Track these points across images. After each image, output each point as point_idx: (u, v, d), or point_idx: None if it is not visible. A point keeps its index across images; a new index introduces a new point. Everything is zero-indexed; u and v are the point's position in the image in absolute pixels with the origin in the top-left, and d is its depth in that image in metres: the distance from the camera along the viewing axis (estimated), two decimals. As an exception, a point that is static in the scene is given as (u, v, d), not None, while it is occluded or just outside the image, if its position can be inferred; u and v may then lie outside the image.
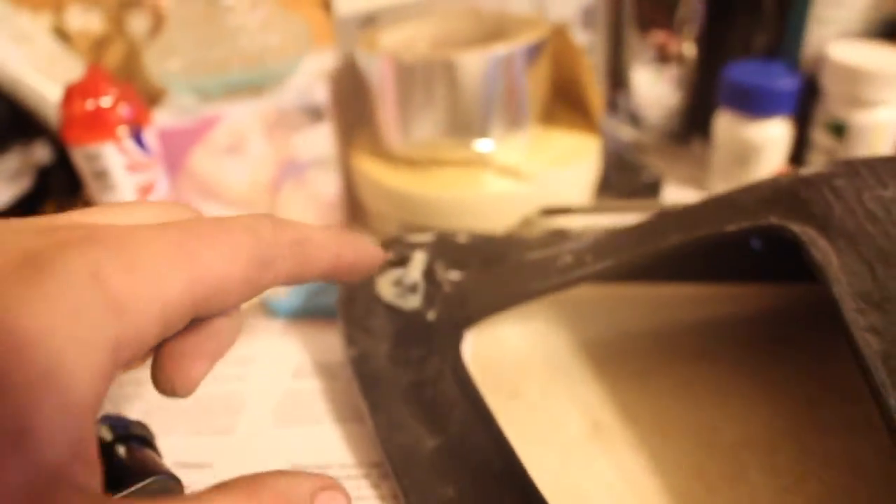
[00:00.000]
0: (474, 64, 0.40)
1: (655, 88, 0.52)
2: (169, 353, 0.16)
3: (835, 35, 0.43)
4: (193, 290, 0.15)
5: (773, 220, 0.28)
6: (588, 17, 0.53)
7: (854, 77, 0.41)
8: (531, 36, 0.41)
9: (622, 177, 0.47)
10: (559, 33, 0.43)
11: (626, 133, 0.54)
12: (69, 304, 0.13)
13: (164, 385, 0.16)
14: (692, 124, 0.52)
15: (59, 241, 0.14)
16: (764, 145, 0.44)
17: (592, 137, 0.45)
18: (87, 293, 0.13)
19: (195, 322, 0.17)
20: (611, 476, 0.29)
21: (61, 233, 0.14)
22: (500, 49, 0.40)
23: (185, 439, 0.32)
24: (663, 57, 0.51)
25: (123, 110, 0.38)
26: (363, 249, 0.20)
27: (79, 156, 0.38)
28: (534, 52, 0.41)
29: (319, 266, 0.19)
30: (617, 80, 0.54)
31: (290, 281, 0.18)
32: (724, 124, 0.46)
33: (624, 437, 0.30)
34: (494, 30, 0.46)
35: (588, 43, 0.53)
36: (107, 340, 0.13)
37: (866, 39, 0.43)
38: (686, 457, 0.29)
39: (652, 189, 0.46)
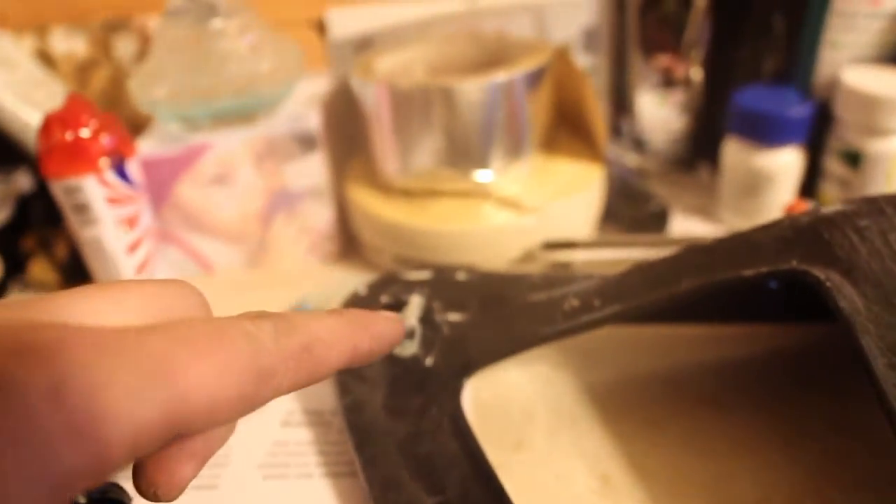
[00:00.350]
0: (473, 91, 0.38)
1: (660, 113, 0.50)
2: (151, 454, 0.14)
3: (848, 60, 0.42)
4: (174, 412, 0.13)
5: (795, 263, 0.26)
6: (590, 40, 0.51)
7: (870, 104, 0.39)
8: (532, 61, 0.40)
9: (627, 206, 0.45)
10: (560, 56, 0.42)
11: (630, 159, 0.53)
12: (18, 427, 0.11)
13: (146, 490, 0.14)
14: (698, 150, 0.51)
15: (27, 345, 0.12)
16: (775, 174, 0.42)
17: (596, 166, 0.43)
18: (40, 415, 0.11)
19: None
20: (622, 540, 0.27)
21: (36, 334, 0.12)
22: (500, 75, 0.38)
23: (165, 496, 0.30)
24: (669, 81, 0.49)
25: (105, 141, 0.36)
26: (381, 332, 0.18)
27: (58, 189, 0.36)
28: (535, 77, 0.40)
29: (331, 367, 0.17)
30: (620, 104, 0.53)
31: (295, 390, 0.16)
32: (733, 152, 0.44)
33: (634, 493, 0.28)
34: (494, 54, 0.44)
35: (590, 66, 0.52)
36: (56, 469, 0.11)
37: (881, 65, 0.41)
38: (702, 515, 0.27)
39: (659, 219, 0.44)
